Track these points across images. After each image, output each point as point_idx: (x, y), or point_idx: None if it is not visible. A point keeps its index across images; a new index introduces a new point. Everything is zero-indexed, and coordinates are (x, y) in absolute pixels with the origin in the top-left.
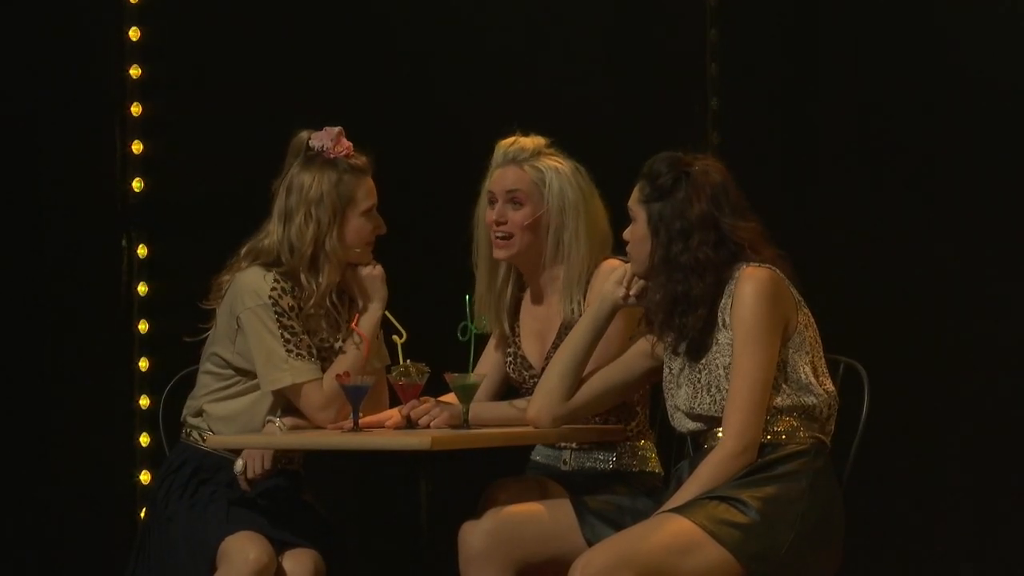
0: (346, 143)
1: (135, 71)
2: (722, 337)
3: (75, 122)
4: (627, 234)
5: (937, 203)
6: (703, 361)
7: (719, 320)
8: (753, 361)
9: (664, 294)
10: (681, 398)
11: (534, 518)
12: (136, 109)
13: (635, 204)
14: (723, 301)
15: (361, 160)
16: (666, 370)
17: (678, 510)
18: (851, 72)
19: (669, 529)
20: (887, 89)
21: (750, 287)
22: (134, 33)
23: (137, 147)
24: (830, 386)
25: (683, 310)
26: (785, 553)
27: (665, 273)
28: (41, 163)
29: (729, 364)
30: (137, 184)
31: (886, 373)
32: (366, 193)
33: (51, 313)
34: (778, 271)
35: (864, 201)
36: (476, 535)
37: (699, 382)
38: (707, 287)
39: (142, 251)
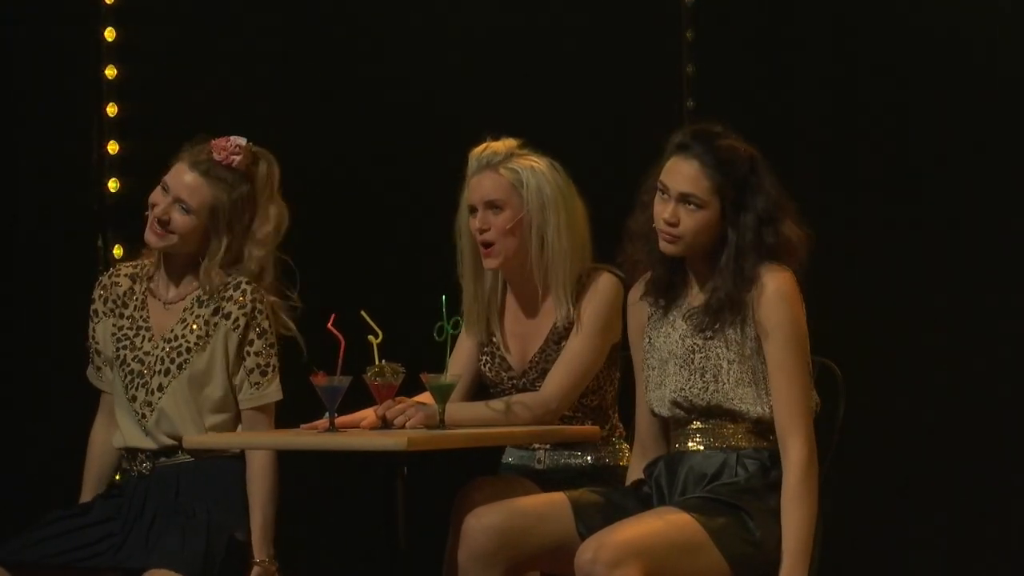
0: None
1: (111, 71)
2: (732, 332)
3: (50, 123)
4: (676, 217)
5: (913, 201)
6: (701, 343)
7: (743, 315)
8: (801, 366)
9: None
10: (669, 388)
11: (538, 514)
12: (112, 109)
13: (698, 190)
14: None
15: None
16: (648, 370)
17: (691, 510)
18: (826, 72)
19: (681, 527)
20: (862, 88)
21: (783, 288)
22: (110, 33)
23: (113, 147)
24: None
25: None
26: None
27: (731, 258)
28: (16, 163)
29: (734, 360)
30: (113, 184)
31: (860, 372)
32: None
33: (25, 315)
34: None
35: (839, 199)
36: (483, 533)
37: (692, 364)
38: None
39: (118, 252)
